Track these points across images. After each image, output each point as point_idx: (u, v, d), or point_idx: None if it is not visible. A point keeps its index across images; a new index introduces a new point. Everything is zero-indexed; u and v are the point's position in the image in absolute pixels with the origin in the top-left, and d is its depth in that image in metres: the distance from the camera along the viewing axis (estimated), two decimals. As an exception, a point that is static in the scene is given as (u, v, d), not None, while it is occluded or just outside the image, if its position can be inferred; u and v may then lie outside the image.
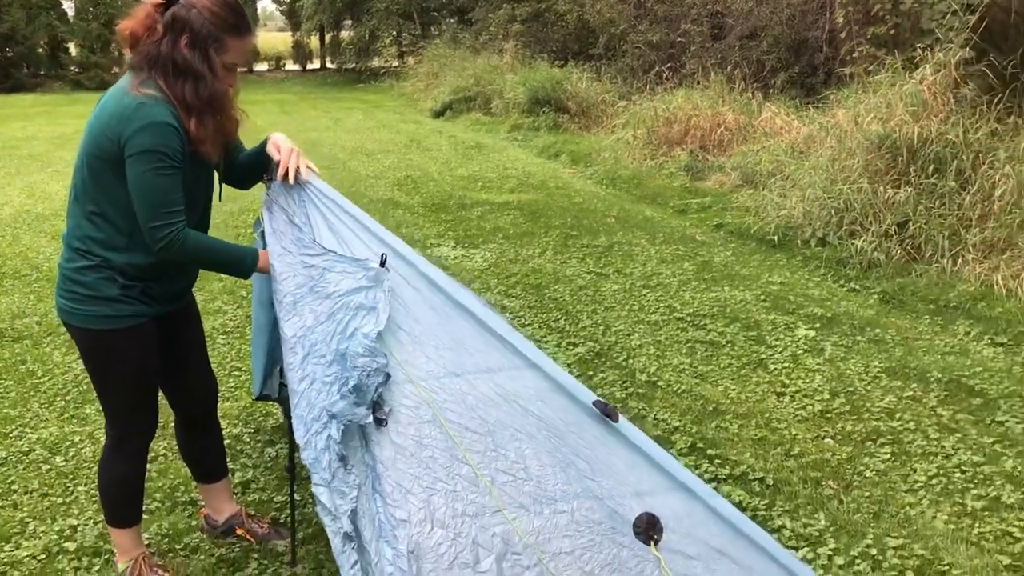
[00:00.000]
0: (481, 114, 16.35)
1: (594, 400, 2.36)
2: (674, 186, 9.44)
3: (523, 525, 2.21)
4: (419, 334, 2.39)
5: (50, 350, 4.91)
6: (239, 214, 8.29)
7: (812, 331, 5.15)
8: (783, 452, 3.75)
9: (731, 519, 2.31)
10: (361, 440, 2.26)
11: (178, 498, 3.37)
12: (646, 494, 2.29)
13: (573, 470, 2.29)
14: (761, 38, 12.25)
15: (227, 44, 2.46)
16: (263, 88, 26.34)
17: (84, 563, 2.96)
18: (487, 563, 2.16)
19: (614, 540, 2.25)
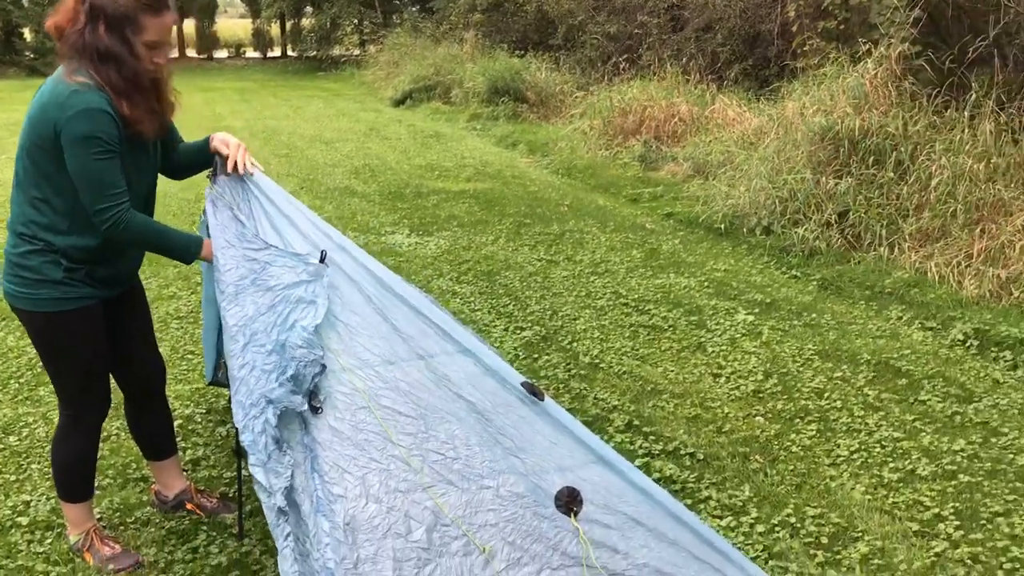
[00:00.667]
0: (441, 103, 16.43)
1: (521, 382, 2.51)
2: (628, 176, 9.62)
3: (451, 500, 2.36)
4: (356, 325, 2.53)
5: (3, 335, 4.96)
6: (195, 201, 8.33)
7: (751, 316, 5.35)
8: (715, 429, 3.93)
9: (646, 490, 2.47)
10: (301, 424, 2.39)
11: (130, 475, 3.47)
12: (567, 469, 2.45)
13: (499, 448, 2.45)
14: (716, 31, 12.46)
15: (143, 23, 2.49)
16: (223, 75, 26.16)
17: (37, 536, 3.06)
18: (418, 533, 2.31)
19: (535, 512, 2.41)
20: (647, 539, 2.40)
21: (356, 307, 2.57)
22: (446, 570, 2.36)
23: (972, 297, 5.44)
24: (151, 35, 2.52)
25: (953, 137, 6.67)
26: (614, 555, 2.37)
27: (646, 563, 2.37)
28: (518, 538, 2.38)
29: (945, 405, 4.15)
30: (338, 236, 2.82)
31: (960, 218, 6.10)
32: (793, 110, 7.94)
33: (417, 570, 2.35)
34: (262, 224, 2.80)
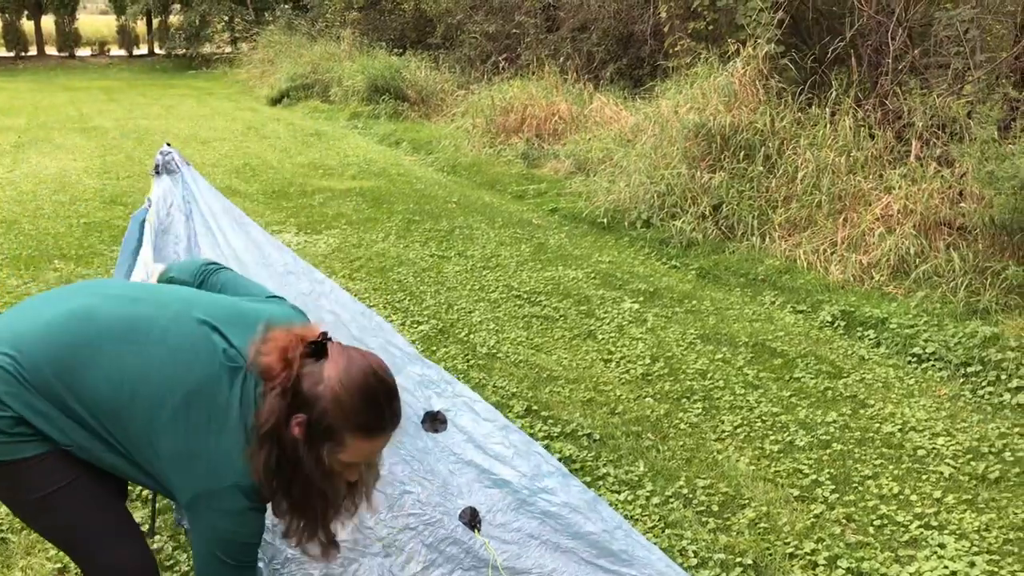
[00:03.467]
0: (320, 101, 16.26)
1: (424, 414, 2.62)
2: (512, 173, 9.80)
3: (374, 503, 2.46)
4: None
5: None
6: (70, 203, 8.05)
7: (637, 304, 5.59)
8: (609, 411, 4.13)
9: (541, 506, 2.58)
10: None
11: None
12: (466, 493, 2.57)
13: (414, 464, 2.57)
14: (591, 31, 12.79)
15: (347, 443, 1.90)
16: (87, 74, 25.08)
17: (-68, 546, 2.98)
18: (343, 534, 2.40)
19: (452, 519, 2.54)
20: (543, 550, 2.55)
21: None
22: (368, 569, 2.48)
23: (837, 281, 5.84)
24: (349, 456, 1.94)
25: (816, 132, 7.12)
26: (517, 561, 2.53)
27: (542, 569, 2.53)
28: (435, 541, 2.52)
29: (817, 381, 4.47)
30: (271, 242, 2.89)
31: (824, 208, 6.52)
32: (668, 108, 8.27)
33: (342, 569, 2.45)
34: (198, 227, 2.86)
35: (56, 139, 12.22)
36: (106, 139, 12.27)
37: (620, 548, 2.50)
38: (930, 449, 3.78)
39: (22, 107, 16.28)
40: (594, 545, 2.52)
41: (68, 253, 6.50)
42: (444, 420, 2.63)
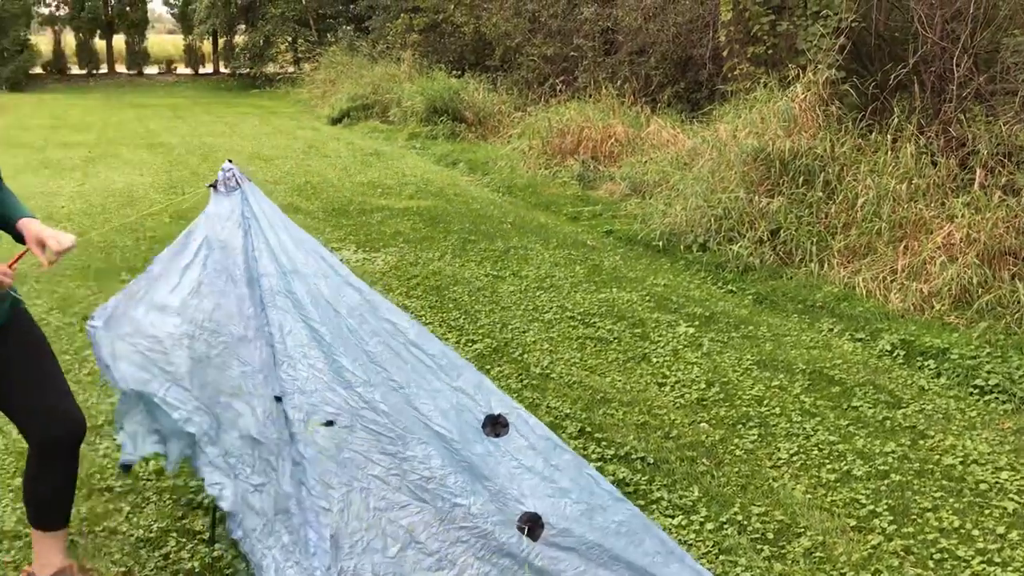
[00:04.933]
0: (379, 122, 16.51)
1: (485, 418, 2.64)
2: (567, 194, 9.85)
3: (426, 517, 2.48)
4: (341, 346, 2.66)
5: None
6: (138, 219, 8.30)
7: (692, 328, 5.57)
8: (663, 435, 4.12)
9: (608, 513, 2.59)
10: (289, 437, 2.50)
11: (94, 485, 3.50)
12: (529, 496, 2.58)
13: (467, 475, 2.58)
14: (649, 54, 12.82)
15: None
16: (155, 92, 25.81)
17: (4, 545, 3.08)
18: (394, 550, 2.44)
19: (504, 530, 2.55)
20: (605, 559, 2.54)
21: (341, 329, 2.71)
22: None
23: (897, 310, 5.76)
24: None
25: (877, 159, 7.04)
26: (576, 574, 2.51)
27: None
28: (487, 553, 2.52)
29: (876, 411, 4.41)
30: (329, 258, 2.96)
31: (885, 235, 6.44)
32: (726, 132, 8.26)
33: None
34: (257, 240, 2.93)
35: (124, 154, 12.59)
36: (172, 155, 12.60)
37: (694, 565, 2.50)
38: (993, 483, 3.70)
39: (93, 123, 16.81)
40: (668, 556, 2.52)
41: (135, 266, 6.68)
42: (506, 424, 2.64)
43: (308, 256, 2.98)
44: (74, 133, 15.09)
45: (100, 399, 4.32)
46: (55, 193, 9.52)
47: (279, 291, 2.77)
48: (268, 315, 2.70)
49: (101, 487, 3.49)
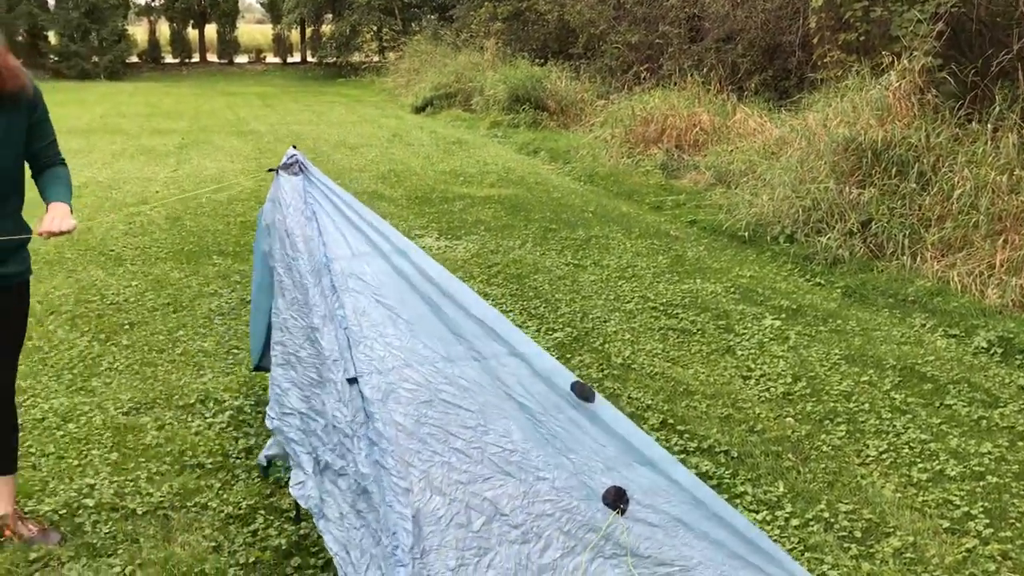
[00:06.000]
0: (462, 110, 16.60)
1: (572, 383, 2.62)
2: (650, 183, 9.75)
3: (509, 490, 2.47)
4: (417, 323, 2.67)
5: (53, 327, 5.12)
6: (227, 204, 8.52)
7: (778, 321, 5.46)
8: (747, 428, 4.05)
9: (691, 490, 2.57)
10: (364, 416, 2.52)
11: (186, 461, 3.61)
12: (614, 469, 2.56)
13: (550, 447, 2.56)
14: (737, 41, 12.58)
15: None
16: (244, 81, 26.43)
17: (102, 516, 3.20)
18: (478, 524, 2.43)
19: (590, 504, 2.52)
20: (689, 538, 2.50)
21: (415, 307, 2.72)
22: (505, 558, 2.48)
23: (995, 306, 5.55)
24: None
25: (976, 149, 6.78)
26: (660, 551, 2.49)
27: (687, 562, 2.48)
28: (573, 527, 2.49)
29: (971, 410, 4.26)
30: (398, 238, 2.97)
31: (982, 229, 6.20)
32: (815, 121, 8.06)
33: (478, 558, 2.47)
34: (325, 225, 2.96)
35: (215, 141, 12.92)
36: (261, 142, 12.89)
37: (771, 548, 2.44)
38: (1097, 488, 3.54)
39: (185, 111, 17.30)
40: (746, 540, 2.47)
41: (226, 249, 6.87)
42: (592, 391, 2.63)
43: (379, 237, 3.00)
44: (168, 120, 15.56)
45: (193, 378, 4.45)
46: (150, 179, 9.83)
47: (351, 273, 2.79)
48: (341, 298, 2.73)
49: (192, 463, 3.60)
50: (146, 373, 4.51)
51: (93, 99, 19.66)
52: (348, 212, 3.07)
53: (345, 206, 3.09)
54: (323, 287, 2.79)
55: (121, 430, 3.88)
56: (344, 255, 2.84)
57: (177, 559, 2.96)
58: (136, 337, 5.00)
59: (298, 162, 3.14)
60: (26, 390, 4.25)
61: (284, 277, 3.00)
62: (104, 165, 10.52)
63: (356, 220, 3.04)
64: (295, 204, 3.07)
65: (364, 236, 2.97)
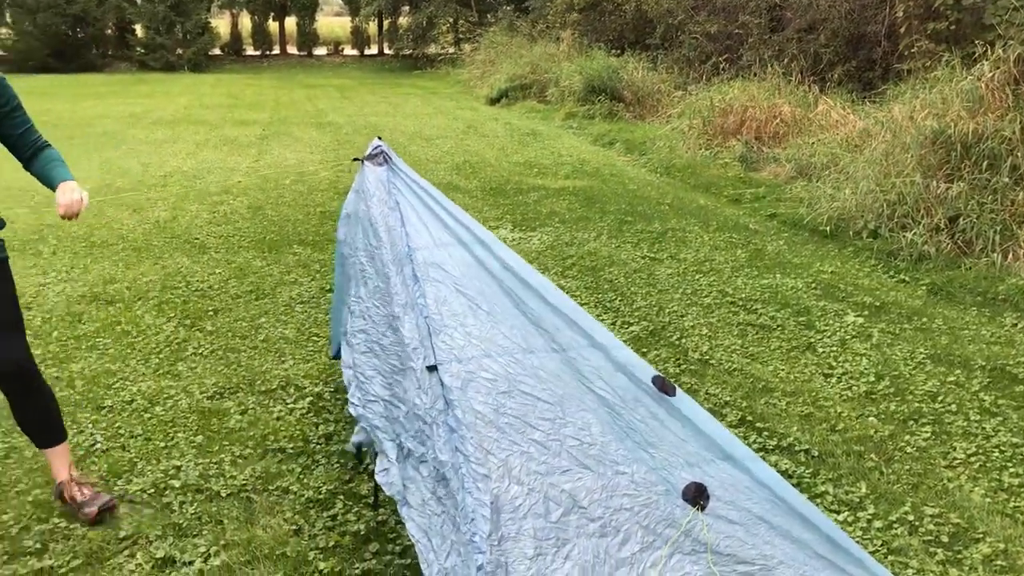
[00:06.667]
0: (536, 102, 16.58)
1: (653, 376, 2.60)
2: (728, 176, 9.60)
3: (588, 483, 2.47)
4: (497, 314, 2.68)
5: (141, 312, 5.29)
6: (308, 194, 8.66)
7: (861, 318, 5.33)
8: (828, 427, 3.97)
9: (773, 487, 2.53)
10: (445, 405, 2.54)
11: (268, 445, 3.69)
12: (695, 465, 2.52)
13: (629, 442, 2.54)
14: (819, 31, 12.30)
15: None
16: (323, 72, 26.84)
17: (188, 497, 3.30)
18: (556, 515, 2.42)
19: (669, 500, 2.49)
20: (771, 536, 2.45)
21: (496, 297, 2.73)
22: (583, 550, 2.47)
23: (1092, 306, 5.32)
24: None
25: (1075, 142, 6.51)
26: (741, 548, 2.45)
27: (768, 561, 2.43)
28: (652, 522, 2.47)
29: (1066, 413, 4.10)
30: (478, 229, 2.98)
31: (1080, 225, 5.95)
32: (902, 113, 7.83)
33: (556, 549, 2.47)
34: (407, 215, 2.98)
35: (295, 133, 13.15)
36: (339, 134, 13.07)
37: (855, 550, 2.39)
38: None
39: (266, 102, 17.64)
40: (830, 540, 2.42)
41: (306, 239, 6.99)
42: (673, 385, 2.60)
43: (460, 228, 3.01)
44: (249, 111, 15.89)
45: (274, 365, 4.54)
46: (233, 169, 10.05)
47: (432, 263, 2.81)
48: (422, 287, 2.75)
49: (274, 448, 3.68)
50: (229, 359, 4.62)
51: (177, 90, 20.19)
52: (430, 202, 3.10)
53: (427, 196, 3.12)
54: (404, 276, 2.81)
55: (206, 414, 3.99)
56: (426, 245, 2.86)
57: (259, 541, 3.03)
58: (220, 323, 5.13)
59: (383, 152, 3.18)
60: (115, 373, 4.40)
61: (367, 266, 3.04)
62: (188, 155, 10.80)
63: (438, 210, 3.06)
64: (379, 194, 3.10)
65: (445, 226, 2.99)
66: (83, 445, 3.68)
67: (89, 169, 9.79)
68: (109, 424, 3.87)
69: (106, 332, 4.96)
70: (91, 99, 17.90)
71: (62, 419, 3.26)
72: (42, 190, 8.56)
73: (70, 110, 15.72)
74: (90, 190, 8.60)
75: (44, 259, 6.36)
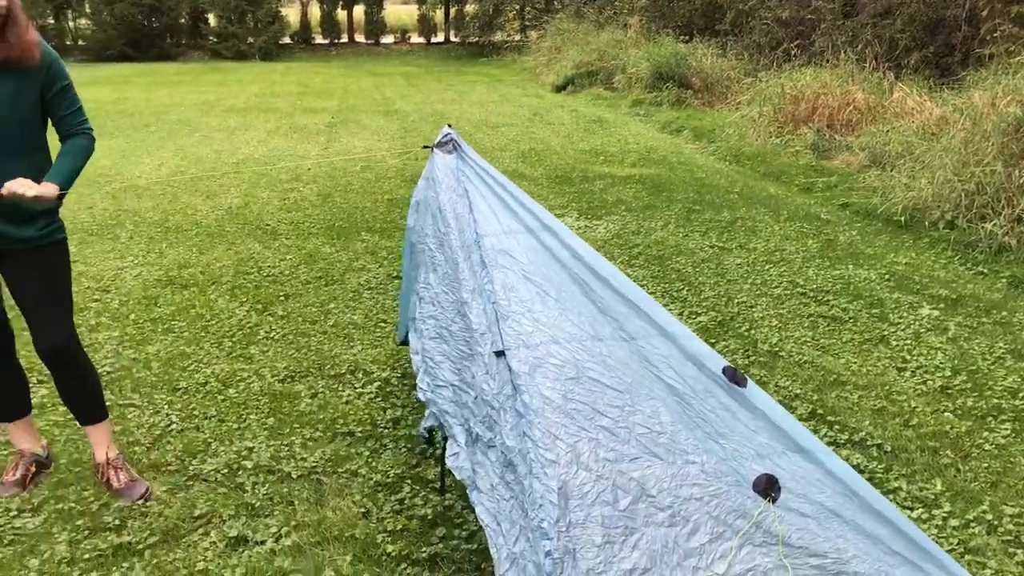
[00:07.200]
0: (603, 89, 16.47)
1: (723, 367, 2.57)
2: (799, 164, 9.43)
3: (657, 472, 2.45)
4: (566, 301, 2.67)
5: (215, 296, 5.41)
6: (375, 181, 8.75)
7: (936, 311, 5.20)
8: (902, 422, 3.88)
9: (846, 481, 2.48)
10: (512, 390, 2.54)
11: (337, 429, 3.75)
12: (766, 456, 2.48)
13: (699, 431, 2.51)
14: (896, 16, 11.97)
15: None
16: (390, 60, 27.03)
17: (260, 478, 3.37)
18: (625, 502, 2.41)
19: (740, 491, 2.46)
20: (844, 531, 2.41)
21: (563, 284, 2.72)
22: (652, 539, 2.45)
23: None
24: None
25: None
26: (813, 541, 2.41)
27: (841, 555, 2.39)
28: (722, 513, 2.44)
29: None
30: (546, 216, 2.98)
31: None
32: (982, 100, 7.58)
33: (624, 537, 2.46)
34: (476, 202, 2.99)
35: (363, 120, 13.28)
36: (406, 122, 13.16)
37: (931, 547, 2.33)
38: None
39: (334, 90, 17.85)
40: (905, 536, 2.36)
41: (374, 226, 7.07)
42: (744, 377, 2.57)
43: (528, 215, 3.01)
44: (318, 99, 16.09)
45: (343, 350, 4.61)
46: (303, 156, 10.20)
47: (500, 250, 2.81)
48: (490, 274, 2.75)
49: (343, 431, 3.74)
50: (300, 343, 4.70)
51: (249, 79, 20.54)
52: (498, 190, 3.10)
53: (496, 184, 3.12)
54: (472, 263, 2.83)
55: (277, 396, 4.06)
56: (494, 231, 2.86)
57: (329, 523, 3.08)
58: (290, 308, 5.22)
59: (452, 140, 3.19)
60: (189, 355, 4.51)
61: (436, 253, 3.06)
62: (259, 143, 10.98)
63: (506, 198, 3.07)
64: (448, 181, 3.12)
65: (513, 213, 2.99)
66: (159, 425, 3.78)
67: (164, 156, 10.03)
68: (184, 405, 3.97)
69: (181, 315, 5.08)
70: (165, 87, 18.32)
71: (103, 399, 3.35)
72: (120, 176, 8.80)
73: (145, 98, 16.12)
74: (166, 176, 8.82)
75: (121, 243, 6.54)
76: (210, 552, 2.93)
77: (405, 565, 2.88)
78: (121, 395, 4.06)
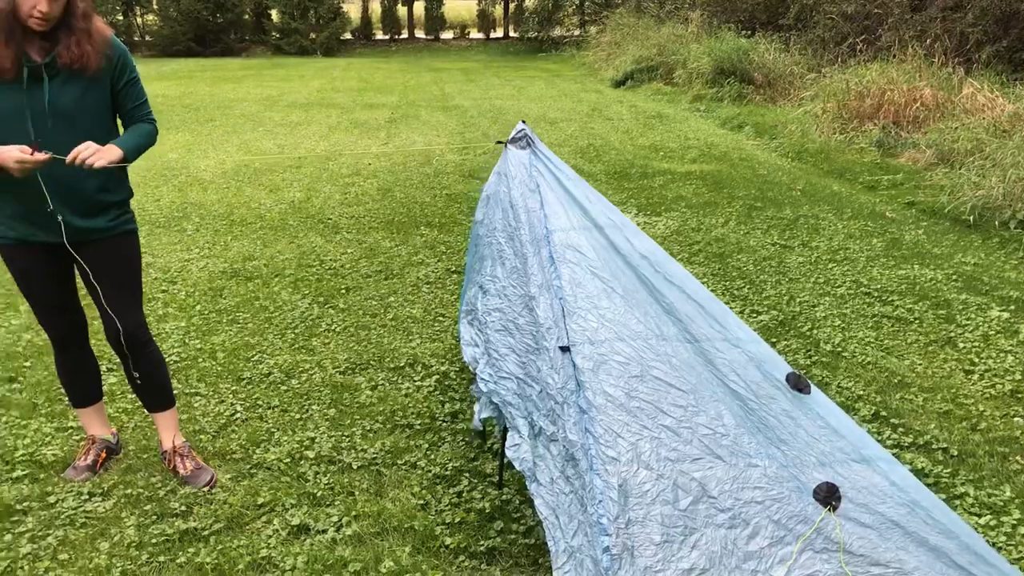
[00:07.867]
0: (663, 84, 16.34)
1: (788, 373, 2.54)
2: (864, 161, 9.25)
3: (718, 473, 2.43)
4: (632, 298, 2.67)
5: (278, 289, 5.50)
6: (433, 176, 8.81)
7: (1006, 313, 5.06)
8: (969, 426, 3.79)
9: (909, 491, 2.42)
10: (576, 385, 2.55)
11: (397, 421, 3.79)
12: (827, 465, 2.45)
13: (761, 436, 2.49)
14: (967, 9, 11.67)
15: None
16: (448, 56, 27.16)
17: (322, 468, 3.43)
18: (685, 503, 2.40)
19: (801, 496, 2.43)
20: (906, 542, 2.36)
21: (630, 282, 2.71)
22: (711, 540, 2.44)
23: None
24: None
25: None
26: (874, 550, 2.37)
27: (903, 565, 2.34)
28: (783, 517, 2.41)
29: None
30: (615, 213, 2.98)
31: None
32: (1058, 96, 7.36)
33: (683, 537, 2.45)
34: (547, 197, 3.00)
35: (422, 116, 13.37)
36: (465, 117, 13.22)
37: (998, 560, 2.28)
38: None
39: (394, 86, 17.99)
40: (969, 549, 2.31)
41: (432, 221, 7.12)
42: (808, 383, 2.54)
43: (598, 212, 3.01)
44: (378, 95, 16.24)
45: (403, 343, 4.65)
46: (363, 151, 10.32)
47: (569, 246, 2.82)
48: (558, 269, 2.76)
49: (403, 424, 3.78)
50: (360, 336, 4.76)
51: (310, 74, 20.81)
52: (569, 186, 3.11)
53: (567, 180, 3.13)
54: (541, 257, 2.84)
55: (338, 388, 4.12)
56: (563, 227, 2.87)
57: (388, 514, 3.12)
58: (351, 301, 5.29)
59: (526, 136, 3.21)
60: (253, 346, 4.60)
61: (505, 247, 3.08)
62: (321, 138, 11.13)
63: (577, 194, 3.07)
64: (520, 176, 3.14)
65: (583, 210, 2.99)
66: (224, 414, 3.86)
67: (228, 150, 10.22)
68: (248, 395, 4.05)
69: (245, 307, 5.18)
70: (230, 82, 18.64)
71: (171, 387, 3.43)
72: (186, 169, 8.99)
73: (210, 93, 16.43)
74: (229, 170, 8.99)
75: (188, 236, 6.69)
76: (273, 540, 2.99)
77: (463, 558, 2.90)
78: (188, 384, 4.16)
